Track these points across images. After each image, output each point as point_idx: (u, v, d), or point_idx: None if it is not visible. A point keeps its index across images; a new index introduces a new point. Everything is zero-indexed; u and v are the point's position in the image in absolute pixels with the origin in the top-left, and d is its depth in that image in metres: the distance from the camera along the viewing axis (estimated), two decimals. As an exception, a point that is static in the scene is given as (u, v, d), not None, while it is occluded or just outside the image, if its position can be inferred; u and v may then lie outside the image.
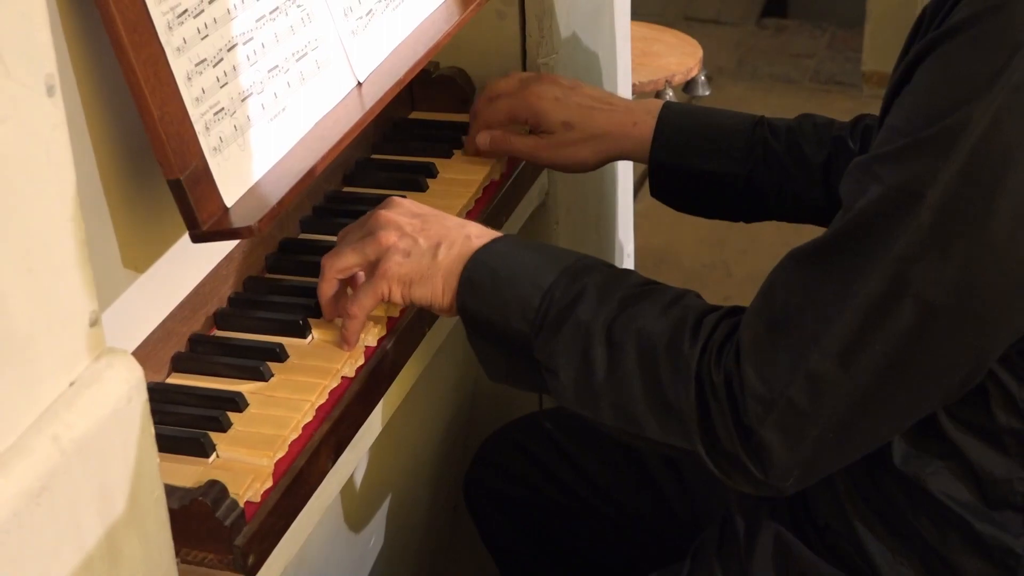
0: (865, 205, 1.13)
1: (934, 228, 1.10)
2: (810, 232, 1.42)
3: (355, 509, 1.62)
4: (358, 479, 1.56)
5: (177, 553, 1.11)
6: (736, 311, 1.24)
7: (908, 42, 1.24)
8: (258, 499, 1.24)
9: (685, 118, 1.66)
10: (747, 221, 1.69)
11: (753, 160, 1.62)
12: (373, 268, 1.37)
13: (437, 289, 1.35)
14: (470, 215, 1.65)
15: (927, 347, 1.14)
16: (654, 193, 1.69)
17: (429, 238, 1.36)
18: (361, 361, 1.40)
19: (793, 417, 1.17)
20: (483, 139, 1.68)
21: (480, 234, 1.37)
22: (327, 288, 1.40)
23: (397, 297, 1.37)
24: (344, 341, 1.38)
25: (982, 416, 1.20)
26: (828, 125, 1.63)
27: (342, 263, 1.39)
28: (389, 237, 1.36)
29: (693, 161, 1.64)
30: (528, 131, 1.71)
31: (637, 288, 1.29)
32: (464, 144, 1.74)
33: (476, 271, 1.33)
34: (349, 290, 1.42)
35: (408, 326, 1.47)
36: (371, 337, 1.41)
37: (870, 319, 1.13)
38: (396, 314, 1.45)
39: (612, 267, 1.34)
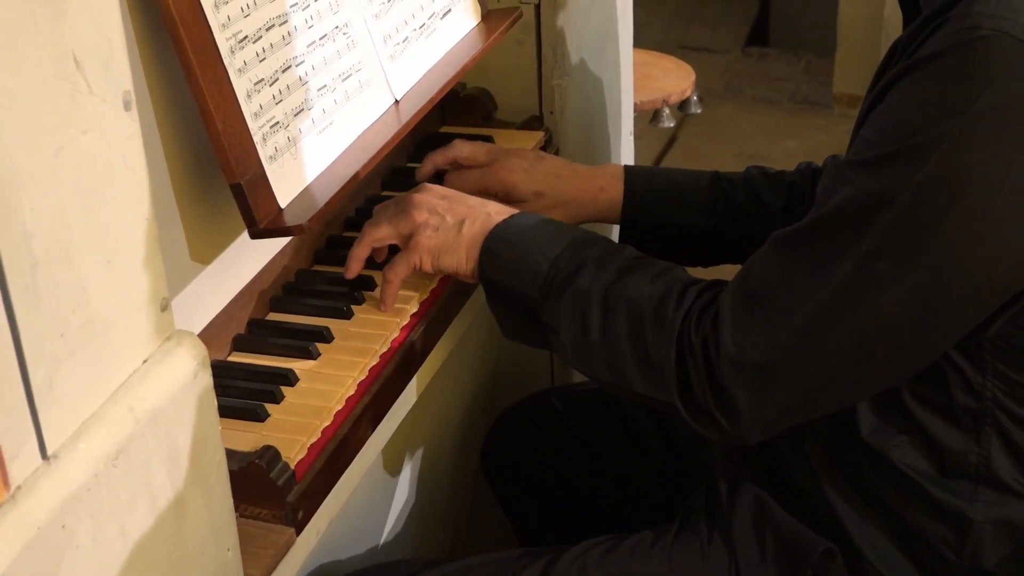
0: (838, 203, 1.13)
1: (898, 230, 1.09)
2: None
3: (390, 471, 1.62)
4: (394, 445, 1.56)
5: (236, 509, 1.11)
6: (717, 284, 1.25)
7: (881, 68, 1.23)
8: (307, 462, 1.24)
9: (648, 180, 1.63)
10: (705, 266, 1.66)
11: (718, 212, 1.60)
12: (406, 241, 1.39)
13: (461, 259, 1.37)
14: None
15: (884, 333, 1.13)
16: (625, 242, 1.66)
17: (455, 215, 1.38)
18: (397, 343, 1.40)
19: (760, 379, 1.17)
20: None
21: (499, 211, 1.39)
22: (361, 252, 1.43)
23: (427, 266, 1.39)
24: (382, 303, 1.41)
25: (941, 395, 1.20)
26: (779, 174, 1.62)
27: (379, 233, 1.41)
28: (421, 215, 1.38)
29: (662, 218, 1.61)
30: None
31: (631, 261, 1.30)
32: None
33: (494, 243, 1.35)
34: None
35: (437, 314, 1.47)
36: (412, 305, 1.43)
37: (835, 303, 1.13)
38: (426, 295, 1.45)
39: (610, 242, 1.35)
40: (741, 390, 1.17)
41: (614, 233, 1.72)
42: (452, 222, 1.37)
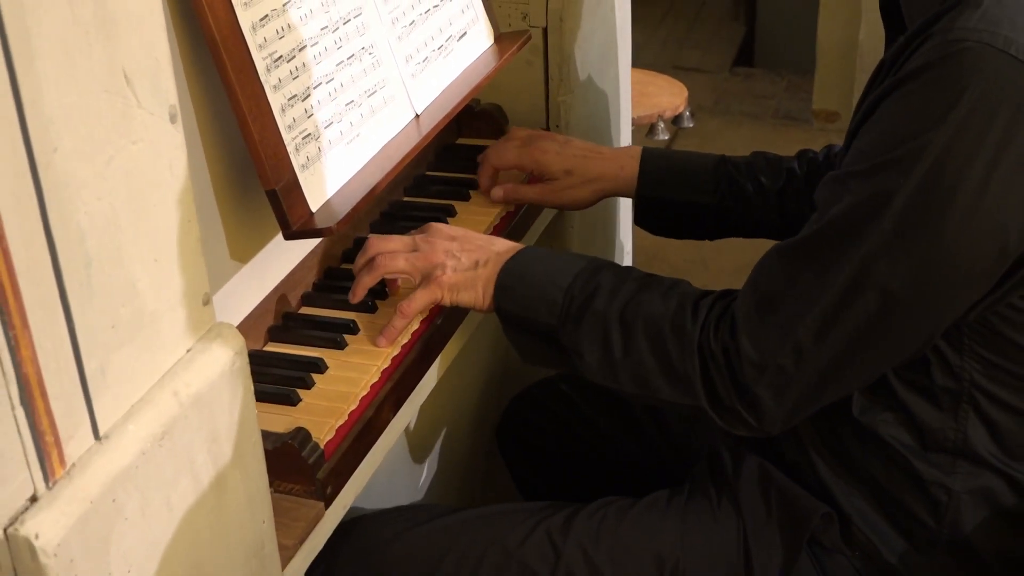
0: (838, 211, 1.13)
1: (895, 232, 1.09)
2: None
3: (411, 450, 1.62)
4: (414, 427, 1.55)
5: (270, 484, 1.11)
6: (726, 295, 1.24)
7: (870, 84, 1.22)
8: (335, 442, 1.24)
9: (662, 160, 1.65)
10: (711, 239, 1.68)
11: (721, 191, 1.61)
12: (423, 276, 1.36)
13: (479, 295, 1.35)
14: (505, 218, 1.65)
15: (887, 327, 1.13)
16: (637, 221, 1.68)
17: (469, 255, 1.37)
18: (417, 334, 1.40)
19: (780, 378, 1.17)
20: (497, 193, 1.65)
21: (507, 249, 1.37)
22: (370, 281, 1.38)
23: (446, 301, 1.37)
24: (385, 335, 1.35)
25: (923, 377, 1.20)
26: (778, 159, 1.63)
27: (395, 266, 1.38)
28: (438, 256, 1.36)
29: (671, 194, 1.63)
30: (526, 179, 1.68)
31: (639, 281, 1.29)
32: (484, 193, 1.68)
33: (508, 278, 1.33)
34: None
35: (452, 309, 1.46)
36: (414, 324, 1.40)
37: (842, 303, 1.12)
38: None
39: (616, 265, 1.34)
40: (764, 389, 1.17)
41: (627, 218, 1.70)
42: (467, 262, 1.36)
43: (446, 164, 1.77)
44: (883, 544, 1.25)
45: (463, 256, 1.36)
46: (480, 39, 1.71)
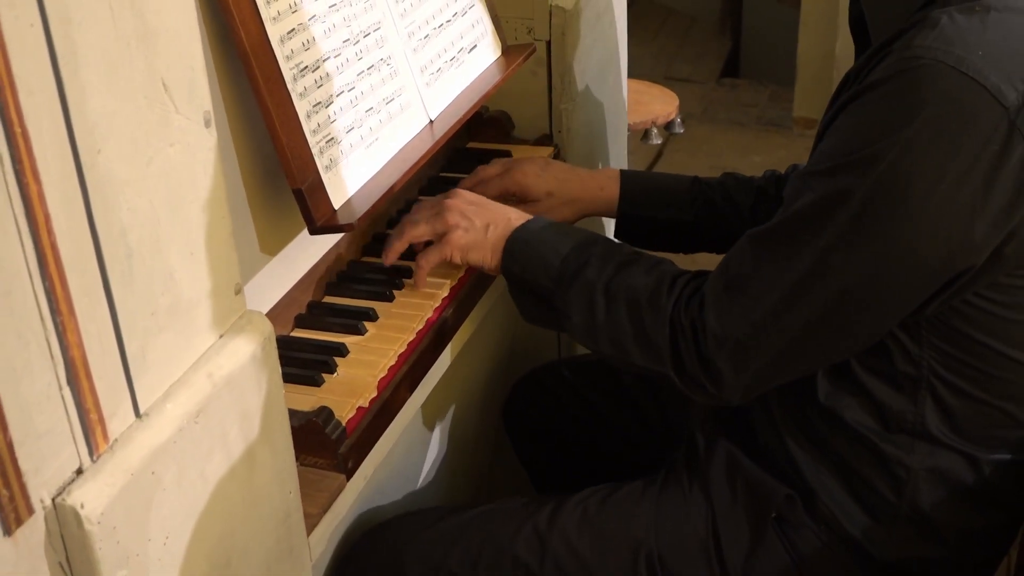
0: (801, 206, 1.12)
1: (851, 228, 1.08)
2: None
3: (425, 428, 1.62)
4: (428, 407, 1.55)
5: (296, 458, 1.11)
6: (700, 274, 1.25)
7: (836, 93, 1.22)
8: (355, 420, 1.24)
9: (640, 182, 1.63)
10: (687, 253, 1.66)
11: (696, 209, 1.60)
12: (439, 238, 1.39)
13: (487, 256, 1.37)
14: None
15: (840, 315, 1.13)
16: (617, 235, 1.65)
17: (482, 219, 1.38)
18: (430, 322, 1.40)
19: (739, 353, 1.16)
20: None
21: (518, 216, 1.39)
22: (400, 246, 1.42)
23: (457, 259, 1.39)
24: (415, 283, 1.41)
25: (885, 364, 1.19)
26: (749, 179, 1.62)
27: (417, 232, 1.41)
28: (453, 217, 1.39)
29: (651, 212, 1.61)
30: (516, 202, 1.61)
31: (628, 256, 1.30)
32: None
33: (514, 244, 1.35)
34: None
35: (464, 298, 1.47)
36: (444, 290, 1.43)
37: (800, 289, 1.12)
38: (455, 282, 1.45)
39: (610, 240, 1.35)
40: (724, 362, 1.17)
41: (610, 226, 1.71)
42: (480, 225, 1.38)
43: (457, 166, 1.76)
44: (847, 518, 1.25)
45: (476, 220, 1.38)
46: (489, 51, 1.70)
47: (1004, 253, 1.08)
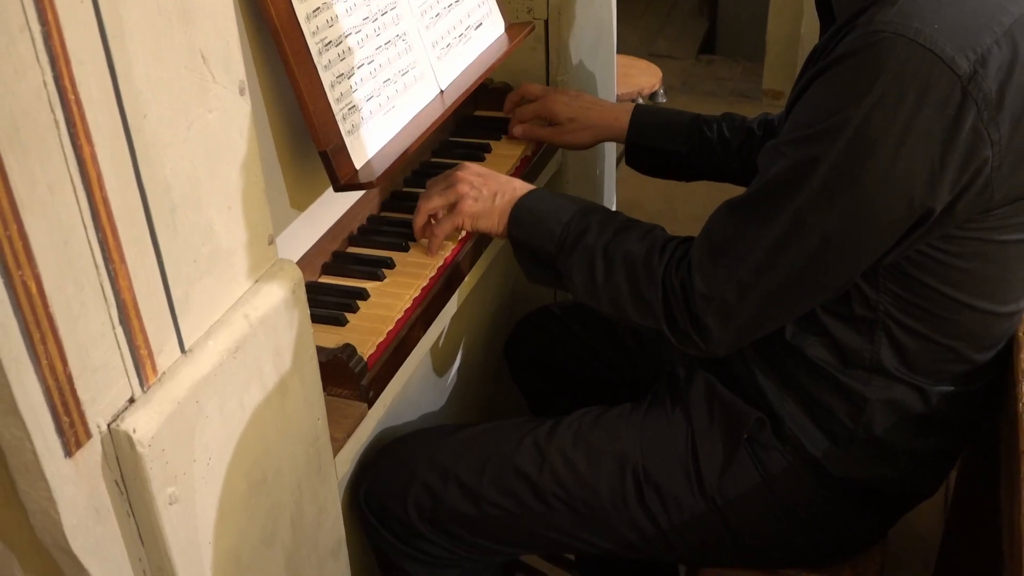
0: (775, 173, 1.10)
1: (822, 189, 1.06)
2: (729, 189, 1.40)
3: (438, 361, 1.61)
4: (441, 342, 1.55)
5: (324, 389, 1.11)
6: (687, 240, 1.23)
7: (804, 68, 1.20)
8: (376, 355, 1.23)
9: (648, 115, 1.64)
10: (687, 181, 1.66)
11: (692, 143, 1.60)
12: (451, 207, 1.37)
13: (494, 223, 1.35)
14: (514, 174, 1.62)
15: (814, 269, 1.11)
16: (628, 162, 1.67)
17: (490, 189, 1.36)
18: (441, 269, 1.39)
19: (725, 309, 1.15)
20: (518, 131, 1.69)
21: (522, 187, 1.37)
22: (420, 220, 1.40)
23: (467, 226, 1.37)
24: (429, 251, 1.39)
25: (845, 308, 1.18)
26: (742, 119, 1.61)
27: (432, 204, 1.38)
28: (464, 188, 1.37)
29: (652, 143, 1.62)
30: (546, 124, 1.69)
31: (623, 223, 1.28)
32: (509, 131, 1.72)
33: (520, 211, 1.33)
34: (432, 220, 1.41)
35: (470, 249, 1.46)
36: (446, 251, 1.41)
37: (778, 249, 1.10)
38: (457, 244, 1.44)
39: (607, 209, 1.33)
40: (711, 318, 1.16)
41: (611, 198, 1.70)
42: (487, 194, 1.36)
43: (465, 131, 1.75)
44: (809, 441, 1.24)
45: (484, 190, 1.36)
46: (493, 28, 1.68)
47: (956, 208, 1.06)
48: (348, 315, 1.28)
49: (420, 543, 1.38)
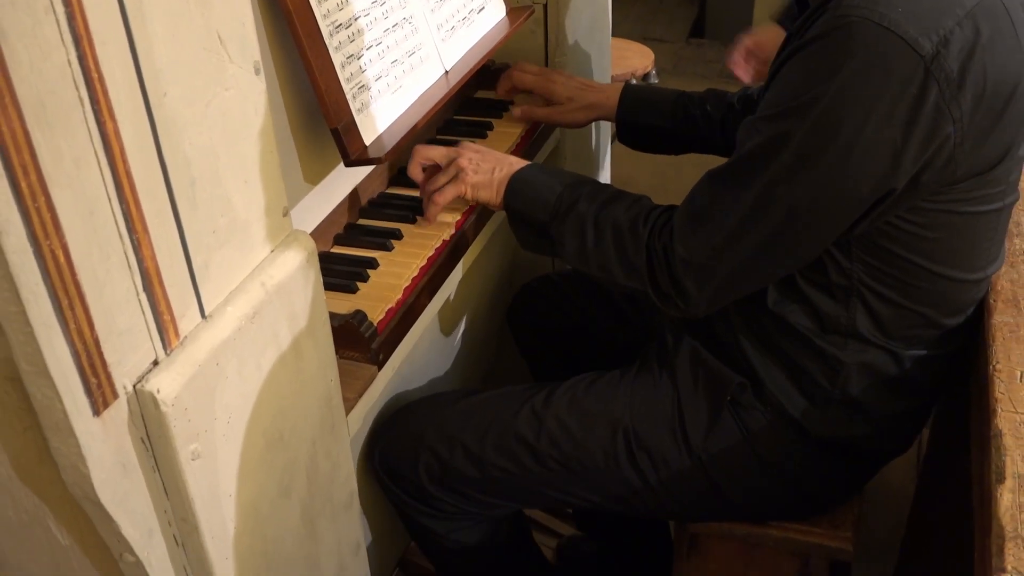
0: (750, 147, 1.09)
1: (793, 162, 1.06)
2: (713, 162, 1.39)
3: (444, 326, 1.61)
4: (445, 310, 1.54)
5: (336, 352, 1.10)
6: (669, 208, 1.23)
7: (780, 49, 1.19)
8: (385, 321, 1.23)
9: (637, 93, 1.64)
10: (675, 154, 1.66)
11: (677, 118, 1.60)
12: (452, 177, 1.37)
13: (492, 193, 1.35)
14: (515, 150, 1.61)
15: (785, 236, 1.10)
16: (619, 139, 1.67)
17: (488, 163, 1.36)
18: (447, 239, 1.38)
19: (703, 273, 1.15)
20: (517, 112, 1.68)
21: (518, 162, 1.36)
22: (414, 165, 1.41)
23: (468, 196, 1.37)
24: (426, 219, 1.39)
25: (822, 276, 1.18)
26: (724, 95, 1.60)
27: (431, 154, 1.40)
28: (465, 161, 1.37)
29: (639, 119, 1.62)
30: (544, 103, 1.68)
31: (611, 194, 1.27)
32: (511, 112, 1.71)
33: (516, 183, 1.33)
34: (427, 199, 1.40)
35: (474, 221, 1.45)
36: (451, 221, 1.41)
37: (752, 217, 1.10)
38: (461, 216, 1.43)
39: (596, 181, 1.32)
40: (690, 281, 1.15)
41: (605, 173, 1.69)
42: (486, 168, 1.36)
43: (468, 111, 1.73)
44: (789, 402, 1.24)
45: (484, 164, 1.36)
46: (495, 12, 1.66)
47: (921, 180, 1.05)
48: (359, 283, 1.27)
49: (432, 501, 1.40)
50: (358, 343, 1.17)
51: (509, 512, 1.48)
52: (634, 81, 2.94)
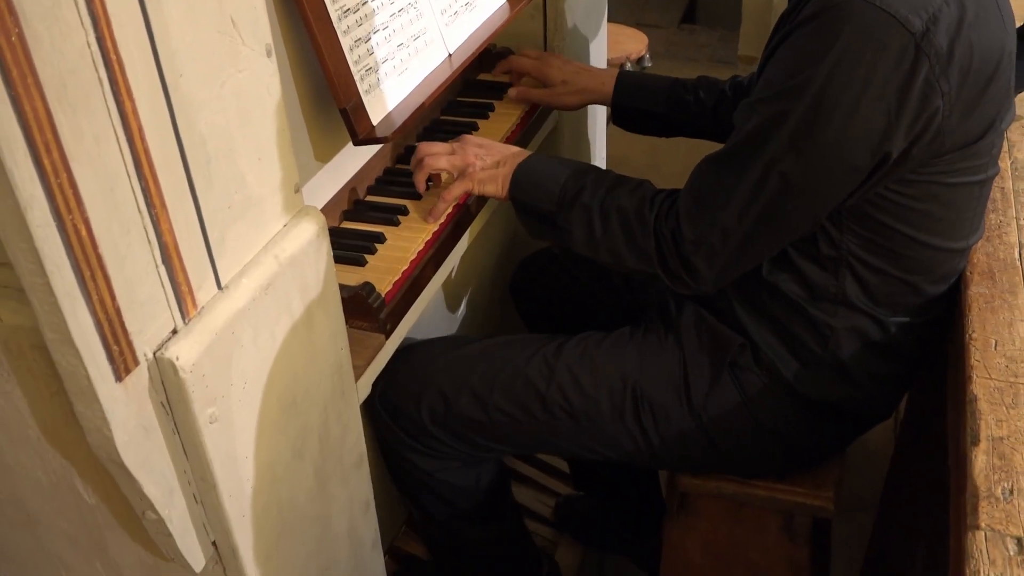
0: (749, 128, 1.09)
1: (791, 140, 1.05)
2: (708, 146, 1.38)
3: (448, 299, 1.61)
4: (450, 281, 1.54)
5: (346, 322, 1.10)
6: (672, 192, 1.22)
7: (773, 32, 1.17)
8: (392, 292, 1.22)
9: (632, 79, 1.62)
10: (668, 137, 1.65)
11: (670, 103, 1.58)
12: (460, 173, 1.35)
13: (499, 187, 1.32)
14: (515, 131, 1.60)
15: (786, 211, 1.10)
16: (615, 122, 1.66)
17: (492, 157, 1.34)
18: (451, 215, 1.37)
19: (710, 252, 1.14)
20: (513, 93, 1.66)
21: (519, 153, 1.34)
22: (422, 176, 1.37)
23: (475, 191, 1.34)
24: (432, 214, 1.34)
25: (813, 248, 1.17)
26: (716, 82, 1.58)
27: (438, 165, 1.36)
28: (470, 157, 1.34)
29: (634, 104, 1.60)
30: (540, 86, 1.66)
31: (614, 181, 1.26)
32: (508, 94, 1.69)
33: (520, 175, 1.31)
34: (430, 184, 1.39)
35: (476, 198, 1.43)
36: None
37: (752, 195, 1.09)
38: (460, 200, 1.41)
39: (599, 168, 1.31)
40: (699, 260, 1.15)
41: (601, 158, 1.68)
42: (491, 162, 1.34)
43: (471, 92, 1.72)
44: (782, 365, 1.24)
45: (488, 158, 1.34)
46: (497, -2, 1.64)
47: (911, 154, 1.05)
48: (367, 256, 1.26)
49: (428, 440, 1.38)
50: (367, 313, 1.17)
51: (501, 456, 1.47)
52: (628, 64, 2.91)
